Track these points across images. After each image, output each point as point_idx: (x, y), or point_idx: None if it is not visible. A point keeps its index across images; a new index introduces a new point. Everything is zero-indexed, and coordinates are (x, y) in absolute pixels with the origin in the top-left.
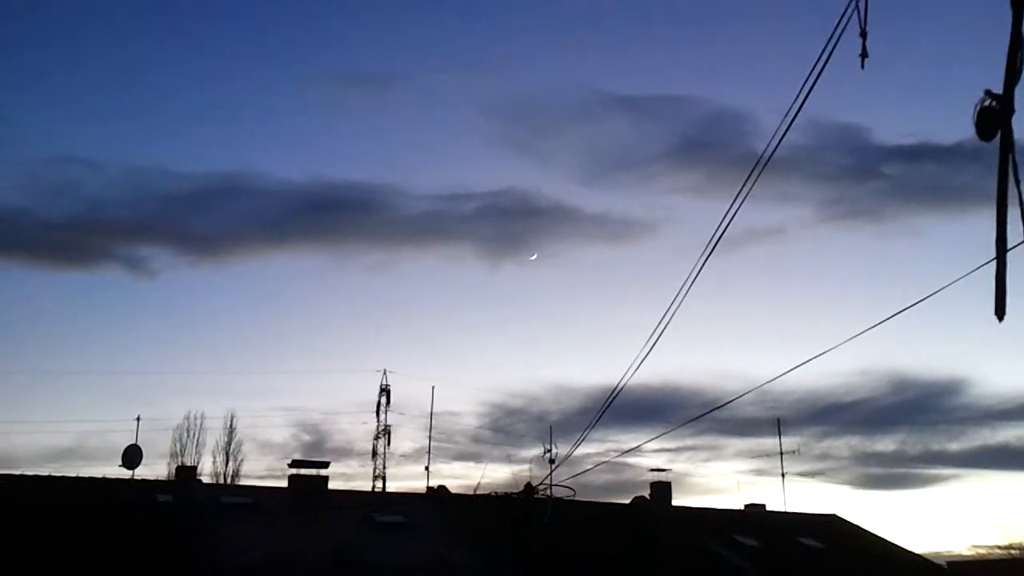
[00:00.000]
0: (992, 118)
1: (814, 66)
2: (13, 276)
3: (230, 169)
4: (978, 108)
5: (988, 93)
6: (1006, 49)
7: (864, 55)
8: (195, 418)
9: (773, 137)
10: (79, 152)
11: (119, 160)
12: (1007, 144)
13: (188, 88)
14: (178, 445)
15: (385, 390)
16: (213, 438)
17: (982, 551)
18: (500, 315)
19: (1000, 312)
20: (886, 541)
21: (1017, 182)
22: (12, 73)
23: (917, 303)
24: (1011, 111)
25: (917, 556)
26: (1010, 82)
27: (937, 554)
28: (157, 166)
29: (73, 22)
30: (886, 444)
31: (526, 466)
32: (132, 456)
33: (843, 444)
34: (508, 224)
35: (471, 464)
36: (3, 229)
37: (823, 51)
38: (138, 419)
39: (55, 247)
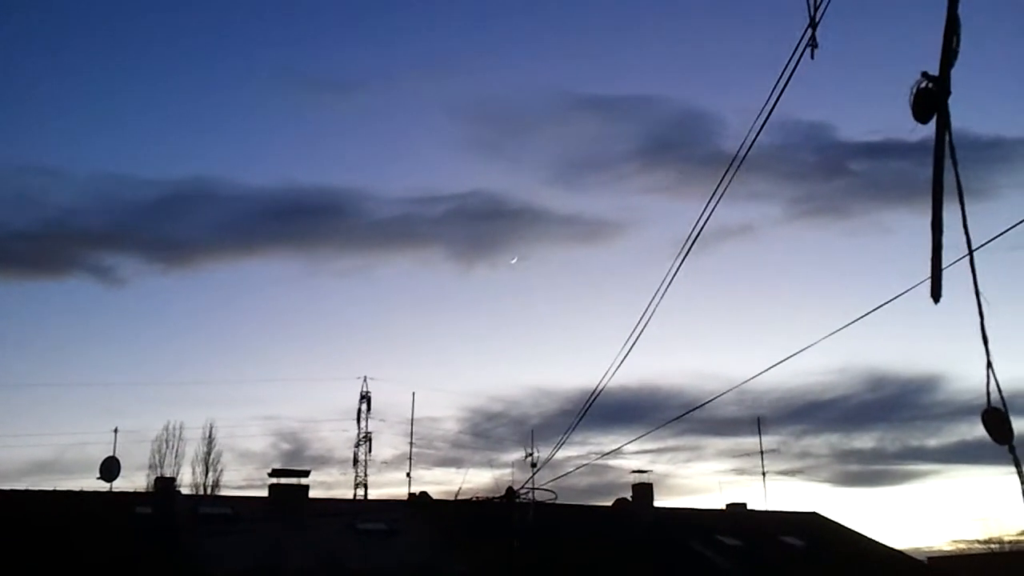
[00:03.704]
0: (928, 100)
1: (783, 71)
2: None
3: (199, 175)
4: (914, 90)
5: (925, 75)
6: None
7: (813, 45)
8: (173, 428)
9: (744, 140)
10: (44, 161)
11: (85, 168)
12: (943, 125)
13: (155, 94)
14: (157, 456)
15: (365, 397)
16: (192, 449)
17: (962, 546)
18: (476, 318)
19: (936, 295)
20: (867, 538)
21: (954, 163)
22: None
23: (892, 299)
24: (947, 93)
25: (898, 552)
26: (946, 64)
27: (918, 550)
28: (124, 173)
29: (36, 29)
30: (865, 441)
31: (508, 470)
32: (110, 468)
33: (822, 442)
34: (479, 226)
35: (452, 470)
36: None
37: (792, 56)
38: (115, 431)
39: (22, 257)
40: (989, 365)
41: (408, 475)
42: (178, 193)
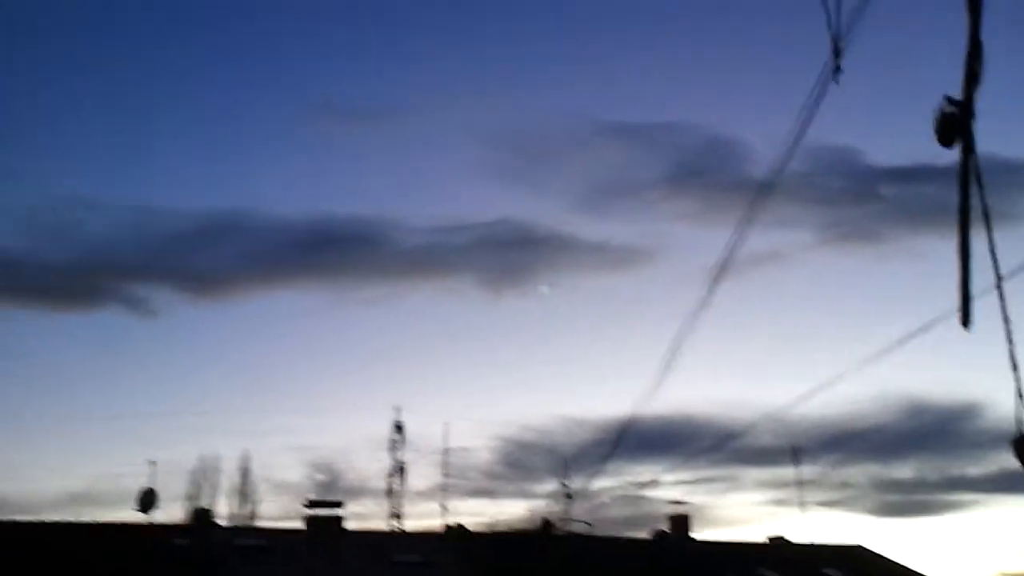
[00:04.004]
0: (952, 124)
1: (811, 96)
2: (16, 319)
3: (230, 206)
4: (938, 115)
5: (948, 99)
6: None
7: (837, 71)
8: (209, 459)
9: (775, 168)
10: (78, 192)
11: (119, 199)
12: (967, 150)
13: (186, 125)
14: (193, 488)
15: (398, 426)
16: (227, 479)
17: None
18: (506, 347)
19: (965, 322)
20: (910, 570)
21: (980, 188)
22: (8, 116)
23: (928, 325)
24: (971, 116)
25: None
26: (969, 88)
27: None
28: (157, 205)
29: (69, 61)
30: (904, 471)
31: (543, 501)
32: (147, 500)
33: (861, 471)
34: (508, 254)
35: (487, 500)
36: (4, 273)
37: (818, 83)
38: (152, 462)
39: (56, 289)
40: (1020, 393)
41: (442, 506)
42: (209, 224)
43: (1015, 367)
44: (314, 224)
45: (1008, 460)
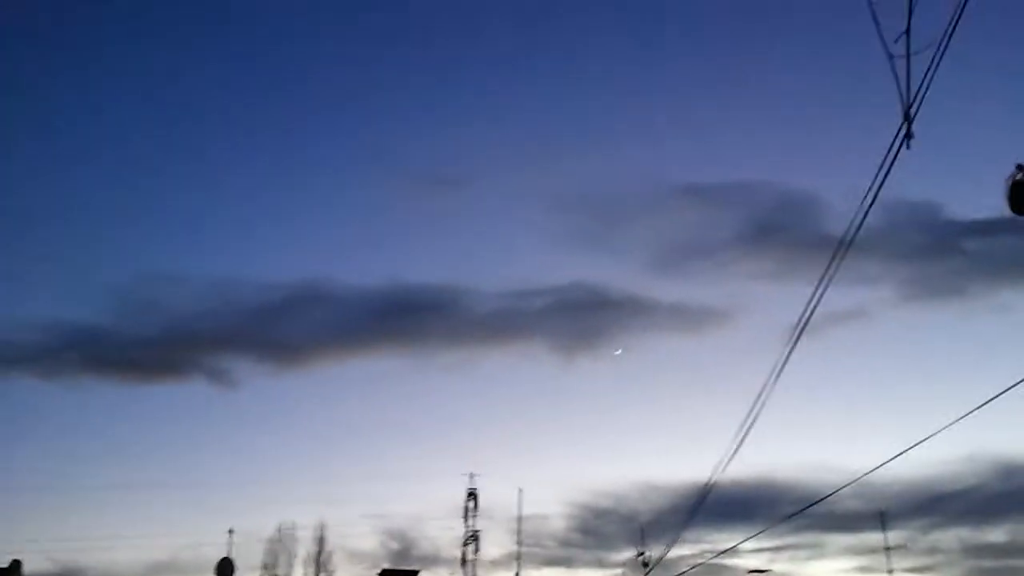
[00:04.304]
0: (1023, 191)
1: (885, 156)
2: (103, 392)
3: (309, 277)
4: (1010, 182)
5: (1020, 167)
6: None
7: (909, 136)
8: (286, 528)
9: (850, 226)
10: (163, 267)
11: (203, 273)
12: None
13: (263, 196)
14: (270, 556)
15: (472, 494)
16: (304, 548)
17: None
18: (581, 412)
19: None
20: None
21: None
22: (95, 193)
23: (1021, 382)
24: None
25: None
26: None
27: None
28: (238, 277)
29: (151, 138)
30: (997, 535)
31: (619, 570)
32: (225, 569)
33: (951, 536)
34: (581, 318)
35: (562, 569)
36: (93, 347)
37: (890, 148)
38: (231, 531)
39: (144, 361)
40: None
41: (517, 575)
42: (290, 295)
43: None
44: (391, 292)
45: None
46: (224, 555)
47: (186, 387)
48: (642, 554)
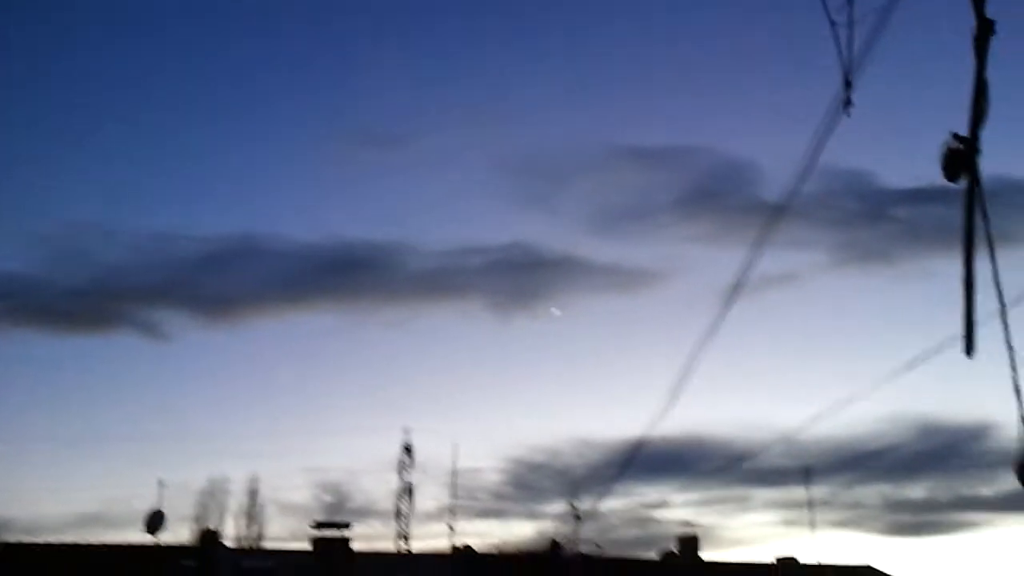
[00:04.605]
0: (958, 160)
1: (823, 124)
2: (31, 342)
3: (244, 231)
4: (944, 150)
5: (954, 136)
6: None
7: (848, 103)
8: (217, 481)
9: (788, 190)
10: (93, 218)
11: (133, 225)
12: (973, 185)
13: (198, 150)
14: (201, 509)
15: (407, 448)
16: (235, 501)
17: None
18: (517, 369)
19: (969, 350)
20: None
21: (985, 220)
22: (25, 143)
23: (940, 347)
24: (976, 152)
25: None
26: (975, 125)
27: None
28: (171, 230)
29: (85, 88)
30: (916, 490)
31: (551, 522)
32: (155, 521)
33: (873, 492)
34: (520, 277)
35: (495, 521)
36: (21, 298)
37: (830, 113)
38: (160, 484)
39: (71, 313)
40: (1022, 418)
41: (450, 527)
42: (224, 249)
43: (1018, 393)
44: (329, 248)
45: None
46: (154, 507)
47: (117, 339)
48: (574, 507)
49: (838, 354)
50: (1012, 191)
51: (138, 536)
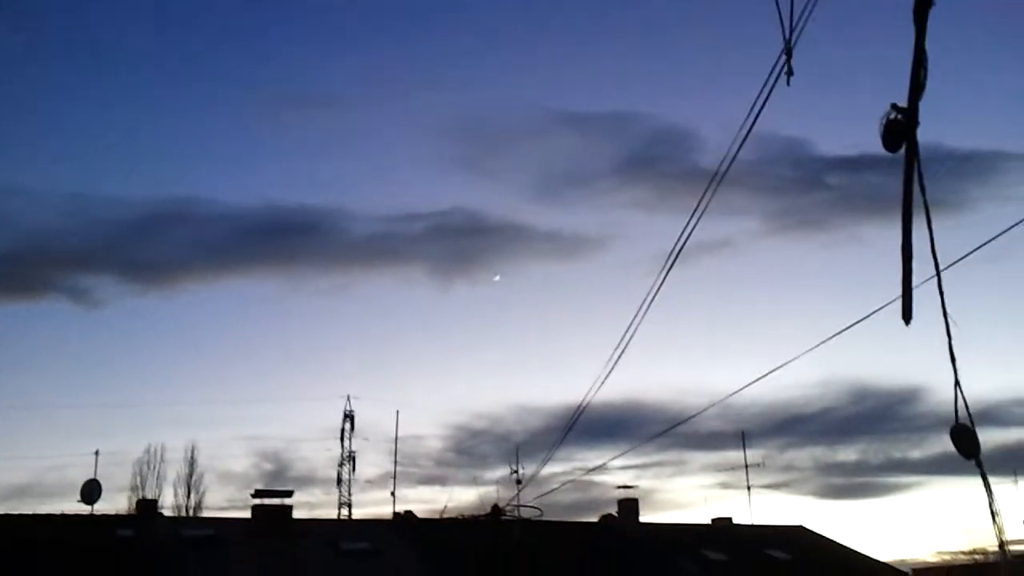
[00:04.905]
0: (897, 130)
1: (761, 90)
2: None
3: (176, 195)
4: (884, 121)
5: (894, 107)
6: (910, 63)
7: (789, 73)
8: (155, 450)
9: (724, 157)
10: (18, 181)
11: (60, 188)
12: (912, 155)
13: (131, 113)
14: (138, 478)
15: (348, 416)
16: (173, 470)
17: (947, 557)
18: (458, 335)
19: (906, 317)
20: (852, 550)
21: (923, 190)
22: None
23: (873, 313)
24: (916, 124)
25: (883, 564)
26: (914, 96)
27: (903, 561)
28: (100, 193)
29: (7, 47)
30: (848, 454)
31: (492, 488)
32: (91, 491)
33: (806, 455)
34: (459, 243)
35: (437, 488)
36: None
37: (767, 81)
38: (96, 453)
39: None
40: (957, 384)
41: (392, 494)
42: (155, 213)
43: (954, 360)
44: (263, 213)
45: (947, 443)
46: (90, 477)
47: (44, 306)
48: (515, 472)
49: (772, 319)
50: (944, 159)
51: (74, 506)
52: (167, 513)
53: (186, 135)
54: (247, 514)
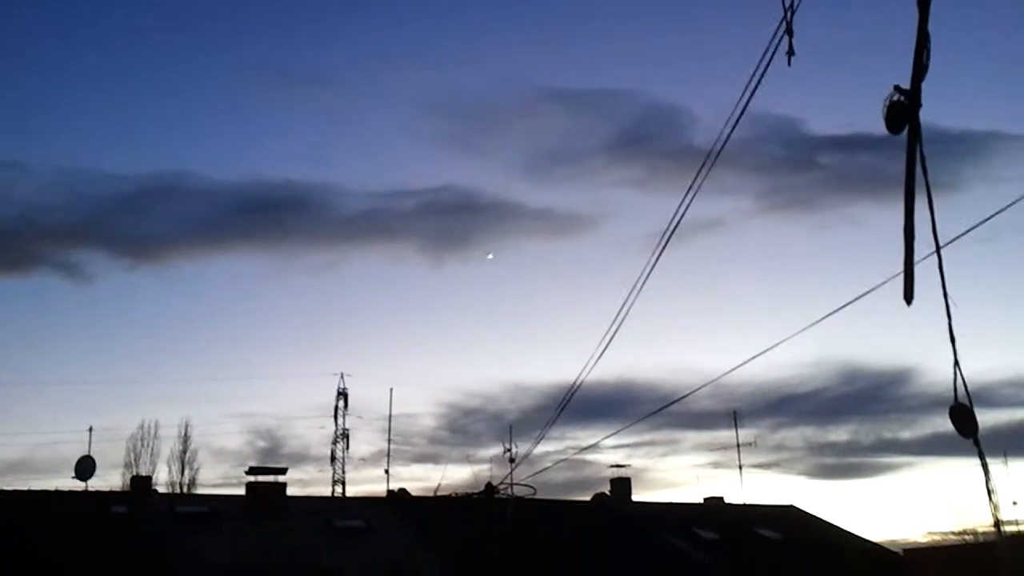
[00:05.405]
0: (900, 112)
1: (755, 72)
2: None
3: (166, 170)
4: (887, 103)
5: (897, 88)
6: (913, 45)
7: (791, 53)
8: (148, 427)
9: (718, 136)
10: (8, 155)
11: (50, 162)
12: (914, 137)
13: (122, 88)
14: (132, 455)
15: (342, 393)
16: (168, 447)
17: (937, 537)
18: (450, 313)
19: (908, 298)
20: (842, 530)
21: (924, 172)
22: None
23: (866, 293)
24: (918, 105)
25: (873, 544)
26: (917, 78)
27: (893, 541)
28: (90, 168)
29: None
30: (840, 434)
31: (486, 466)
32: (85, 467)
33: (798, 435)
34: (451, 221)
35: (431, 465)
36: None
37: (764, 57)
38: (90, 429)
39: None
40: (956, 364)
41: (386, 472)
42: (145, 188)
43: (953, 340)
44: (254, 189)
45: (939, 424)
46: (84, 453)
47: (35, 281)
48: (509, 450)
49: (764, 299)
50: (945, 141)
51: (68, 483)
52: (161, 490)
53: (178, 111)
54: (241, 491)
